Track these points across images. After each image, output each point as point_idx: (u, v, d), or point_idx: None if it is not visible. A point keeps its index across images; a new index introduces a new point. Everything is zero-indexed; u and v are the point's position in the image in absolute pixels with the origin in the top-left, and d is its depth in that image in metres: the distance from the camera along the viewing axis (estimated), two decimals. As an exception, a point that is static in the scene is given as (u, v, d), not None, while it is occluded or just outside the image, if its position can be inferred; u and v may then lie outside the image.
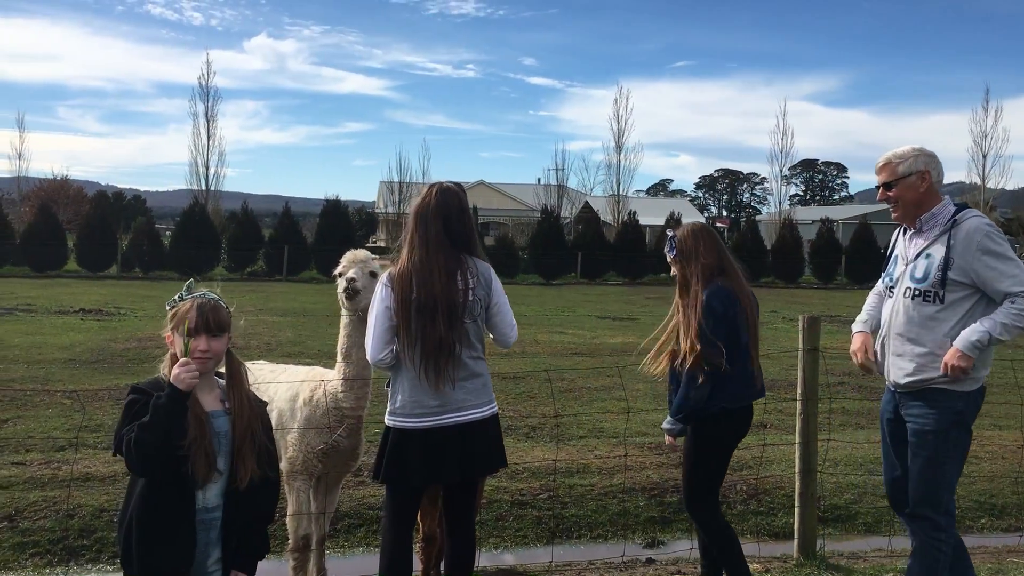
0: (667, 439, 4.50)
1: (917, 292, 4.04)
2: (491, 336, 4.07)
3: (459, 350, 3.82)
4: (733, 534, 4.51)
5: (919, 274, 4.03)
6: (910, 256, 4.11)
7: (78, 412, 9.25)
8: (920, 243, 4.09)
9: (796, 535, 5.43)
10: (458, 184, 4.08)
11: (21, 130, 51.55)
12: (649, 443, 8.15)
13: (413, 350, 3.81)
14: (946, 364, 3.92)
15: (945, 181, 4.30)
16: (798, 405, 5.35)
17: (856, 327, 4.40)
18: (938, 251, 3.98)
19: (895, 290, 4.15)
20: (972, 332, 3.89)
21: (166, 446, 2.95)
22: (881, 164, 4.19)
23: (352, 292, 4.43)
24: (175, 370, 3.01)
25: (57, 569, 5.45)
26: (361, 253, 4.62)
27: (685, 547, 5.73)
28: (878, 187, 4.25)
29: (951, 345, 3.93)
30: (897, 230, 4.33)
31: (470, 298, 3.84)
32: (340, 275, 4.55)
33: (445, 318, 3.77)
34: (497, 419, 4.02)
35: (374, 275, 4.49)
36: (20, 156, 50.79)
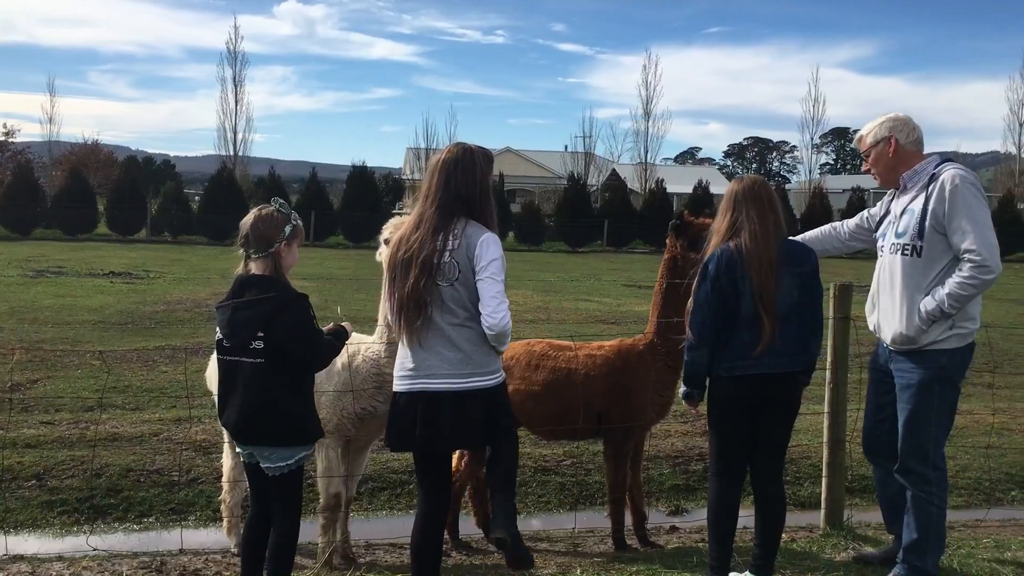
0: (684, 403, 4.32)
1: (898, 247, 4.21)
2: None
3: (430, 311, 3.67)
4: (724, 522, 4.18)
5: (900, 229, 4.21)
6: (896, 213, 4.28)
7: (107, 373, 9.33)
8: (905, 200, 4.26)
9: (823, 505, 5.36)
10: (483, 148, 3.90)
11: (52, 94, 51.98)
12: (673, 411, 8.06)
13: (393, 305, 3.79)
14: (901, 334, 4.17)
15: (980, 151, 4.46)
16: (827, 374, 5.24)
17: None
18: (918, 204, 4.15)
19: (884, 248, 4.32)
20: (925, 304, 4.08)
21: None
22: (856, 139, 4.52)
23: None
24: None
25: (84, 527, 5.50)
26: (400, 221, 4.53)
27: (709, 515, 5.68)
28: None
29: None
30: (892, 193, 4.50)
31: (445, 259, 3.66)
32: (386, 241, 4.44)
33: (416, 272, 3.66)
34: (487, 394, 3.72)
35: None
36: (51, 120, 51.34)
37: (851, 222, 4.76)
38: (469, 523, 5.36)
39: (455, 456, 5.11)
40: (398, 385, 3.79)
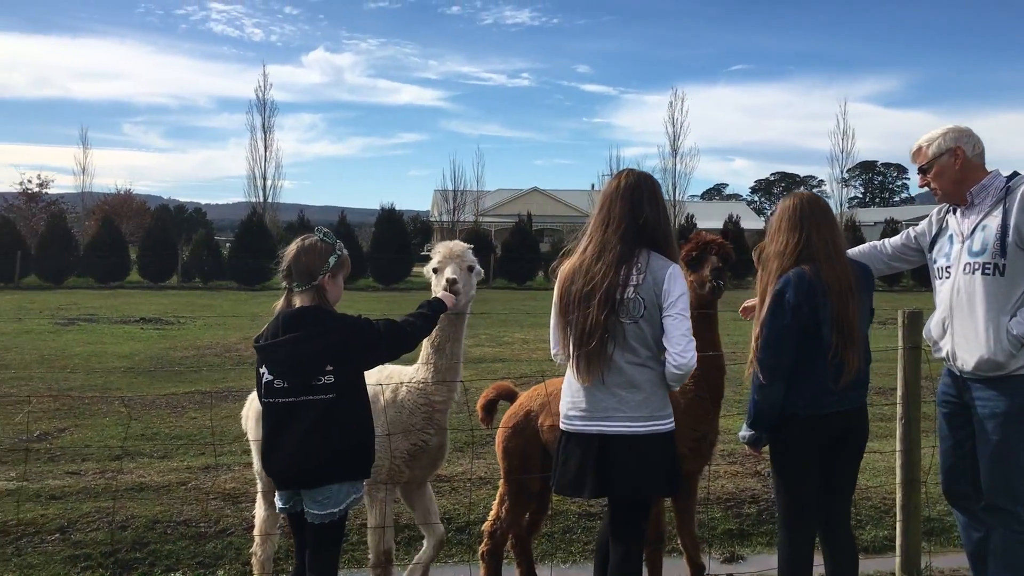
0: (747, 448, 3.98)
1: (976, 266, 3.85)
2: None
3: (611, 348, 3.44)
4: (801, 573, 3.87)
5: (977, 247, 3.86)
6: (965, 232, 3.93)
7: (135, 420, 9.13)
8: (974, 217, 3.92)
9: (898, 552, 4.96)
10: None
11: (84, 146, 53.00)
12: (722, 451, 7.70)
13: (569, 341, 3.56)
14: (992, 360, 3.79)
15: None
16: (898, 409, 4.88)
17: None
18: (994, 221, 3.83)
19: (952, 269, 3.96)
20: (1015, 326, 3.75)
21: None
22: (914, 151, 4.12)
23: (454, 294, 4.10)
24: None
25: (108, 583, 5.22)
26: (458, 246, 4.25)
27: (767, 563, 5.30)
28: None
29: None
30: (941, 210, 4.17)
31: (629, 294, 3.44)
32: (436, 271, 4.20)
33: (600, 306, 3.42)
34: (664, 439, 3.53)
35: (471, 269, 4.22)
36: (84, 171, 52.19)
37: (895, 240, 4.40)
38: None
39: (495, 502, 4.82)
40: (567, 425, 3.59)
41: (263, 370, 3.53)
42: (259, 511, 4.75)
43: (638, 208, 3.54)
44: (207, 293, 32.43)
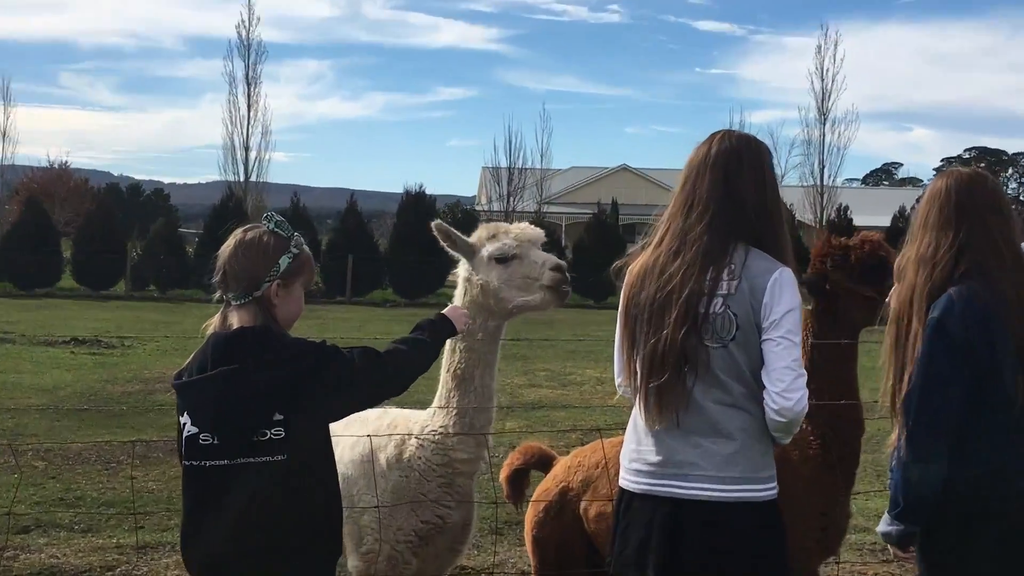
0: (891, 549, 3.79)
1: None
2: None
3: (691, 381, 3.38)
4: None
5: None
6: None
7: (53, 479, 9.29)
8: None
9: None
10: (761, 141, 3.68)
11: (5, 102, 51.15)
12: (873, 542, 7.57)
13: (634, 366, 3.53)
14: None
15: None
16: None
17: None
18: None
19: None
20: None
21: None
22: None
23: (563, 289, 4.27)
24: None
25: None
26: (534, 230, 4.44)
27: None
28: None
29: None
30: None
31: (716, 308, 3.39)
32: (512, 257, 4.32)
33: (677, 322, 3.37)
34: (761, 513, 3.43)
35: None
36: (4, 136, 51.18)
37: None
38: None
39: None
40: (629, 482, 3.57)
41: (184, 419, 3.43)
42: None
43: (734, 185, 3.48)
44: (164, 306, 33.03)
